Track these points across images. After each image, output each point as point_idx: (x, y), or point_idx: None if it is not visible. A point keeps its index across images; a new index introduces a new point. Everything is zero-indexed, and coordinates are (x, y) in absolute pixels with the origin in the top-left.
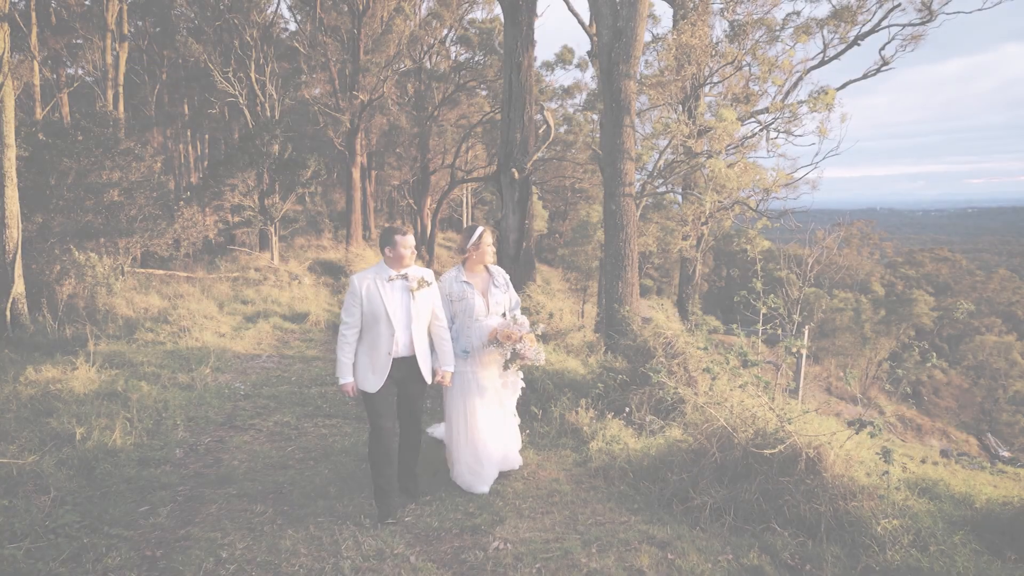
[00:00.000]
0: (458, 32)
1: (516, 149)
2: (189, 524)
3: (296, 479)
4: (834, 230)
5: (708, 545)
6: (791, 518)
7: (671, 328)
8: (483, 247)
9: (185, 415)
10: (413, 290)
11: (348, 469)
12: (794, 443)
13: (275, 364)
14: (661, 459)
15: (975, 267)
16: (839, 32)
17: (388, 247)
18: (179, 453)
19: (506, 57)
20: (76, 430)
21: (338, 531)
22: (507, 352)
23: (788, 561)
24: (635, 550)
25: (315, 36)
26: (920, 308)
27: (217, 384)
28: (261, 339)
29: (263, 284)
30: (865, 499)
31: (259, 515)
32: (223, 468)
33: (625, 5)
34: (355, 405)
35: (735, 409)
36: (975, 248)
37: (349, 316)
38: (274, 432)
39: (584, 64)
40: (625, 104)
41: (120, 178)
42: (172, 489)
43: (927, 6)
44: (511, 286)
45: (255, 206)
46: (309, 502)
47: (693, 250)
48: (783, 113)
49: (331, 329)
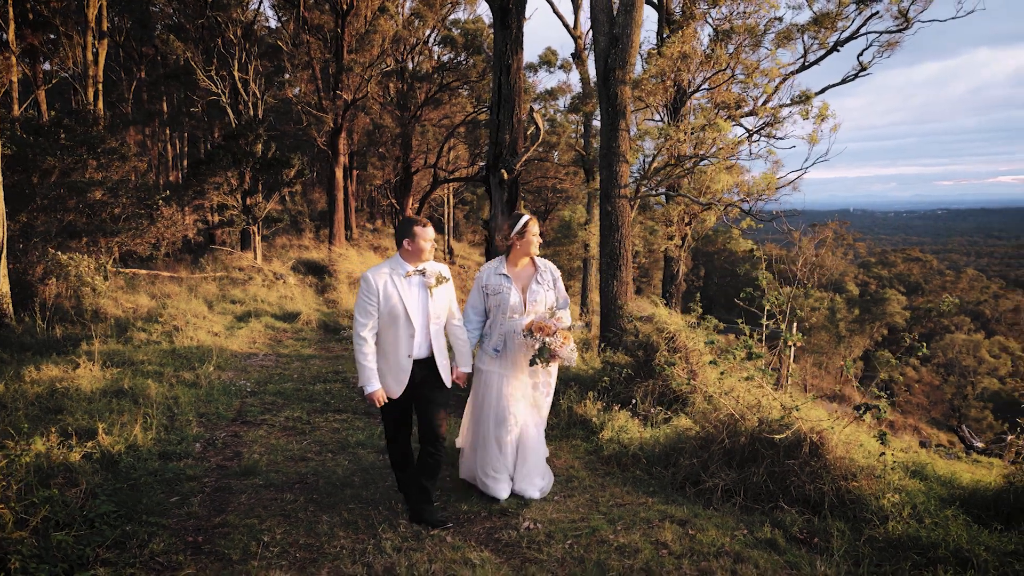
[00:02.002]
0: (441, 32)
1: (505, 150)
2: (223, 512)
3: (319, 470)
4: (810, 231)
5: (723, 522)
6: (797, 497)
7: (674, 323)
8: (528, 237)
9: (196, 411)
10: (431, 287)
11: (367, 460)
12: (799, 429)
13: (273, 363)
14: (671, 446)
15: (945, 267)
16: (819, 38)
17: (407, 239)
18: (198, 447)
19: (495, 59)
20: (98, 425)
21: (372, 516)
22: (536, 344)
23: (797, 535)
24: (658, 527)
25: (298, 35)
26: (893, 307)
27: (222, 382)
28: (255, 338)
29: (249, 284)
30: (864, 479)
31: (290, 503)
32: (244, 461)
33: (621, 12)
34: (363, 401)
35: (741, 398)
36: (945, 248)
37: (365, 316)
38: (287, 427)
39: (568, 66)
40: (621, 109)
41: (104, 177)
42: (198, 481)
43: (903, 14)
44: (560, 283)
45: (238, 205)
46: (336, 491)
47: (678, 250)
48: (768, 117)
49: (323, 328)
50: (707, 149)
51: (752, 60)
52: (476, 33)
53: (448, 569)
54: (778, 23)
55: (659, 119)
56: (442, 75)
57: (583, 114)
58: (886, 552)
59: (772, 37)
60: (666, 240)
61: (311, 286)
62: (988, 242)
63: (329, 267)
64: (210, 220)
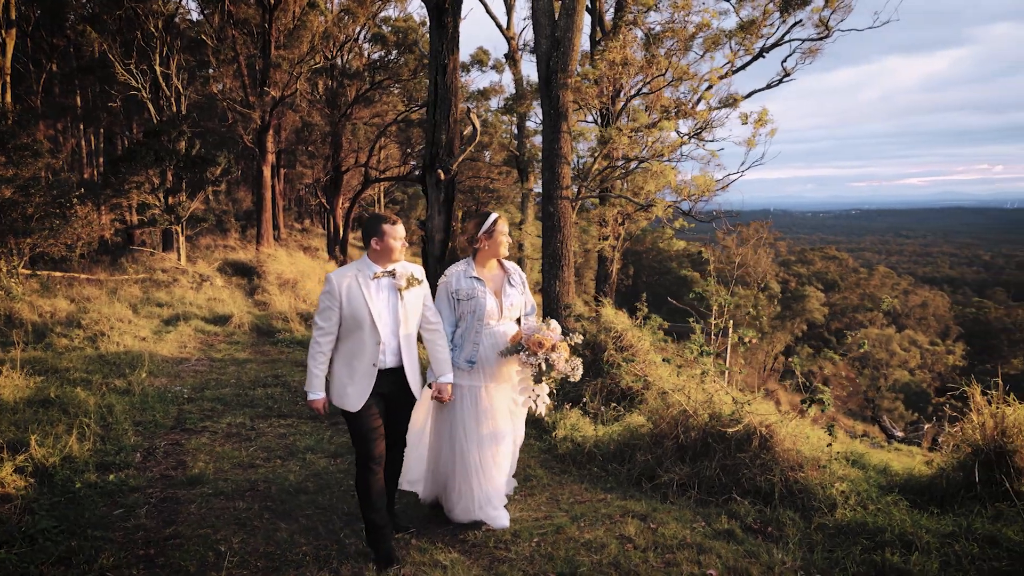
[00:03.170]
0: (372, 30)
1: (442, 150)
2: (173, 524)
3: (269, 477)
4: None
5: (681, 515)
6: (749, 489)
7: (620, 323)
8: (497, 237)
9: (132, 420)
10: (402, 289)
11: (319, 466)
12: (750, 423)
13: (207, 367)
14: (625, 443)
15: (859, 265)
16: (745, 44)
17: (375, 238)
18: (138, 457)
19: (432, 58)
20: (30, 437)
21: (333, 521)
22: (539, 363)
23: (753, 525)
24: (620, 522)
25: (223, 29)
26: (812, 304)
27: (156, 388)
28: (185, 342)
29: (175, 286)
30: (810, 469)
31: (244, 511)
32: (189, 469)
33: (563, 16)
34: (306, 404)
35: (692, 395)
36: (858, 247)
37: (325, 321)
38: (230, 433)
39: (500, 66)
40: (563, 112)
41: (14, 175)
42: (142, 492)
43: (824, 23)
44: (527, 287)
45: (161, 204)
46: (290, 497)
47: (612, 250)
48: (702, 122)
49: (256, 331)
50: (648, 151)
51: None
52: (407, 31)
53: (418, 572)
54: (706, 29)
55: (591, 120)
56: (373, 73)
57: (517, 115)
58: (836, 538)
59: (700, 42)
60: (600, 240)
61: (240, 288)
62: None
63: (258, 268)
64: (128, 220)
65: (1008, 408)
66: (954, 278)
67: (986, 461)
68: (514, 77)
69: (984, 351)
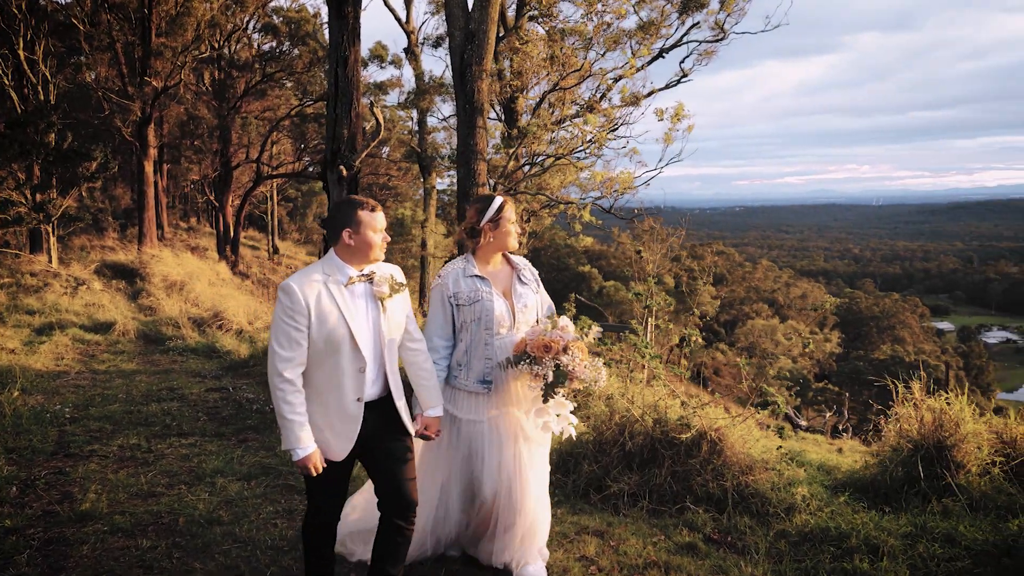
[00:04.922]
0: (262, 20)
1: (344, 146)
2: (62, 571)
3: (175, 507)
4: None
5: (639, 529)
6: (702, 496)
7: None
8: (505, 225)
9: (3, 447)
10: (384, 298)
11: (232, 491)
12: (700, 427)
13: (89, 382)
14: (568, 452)
15: (744, 259)
16: (644, 44)
17: (347, 229)
18: (14, 491)
19: (331, 50)
20: None
21: (256, 557)
22: (546, 372)
23: (712, 536)
24: (577, 541)
25: (97, 12)
26: (704, 297)
27: (30, 408)
28: (61, 354)
29: (46, 291)
30: (759, 471)
31: (149, 551)
32: (78, 503)
33: (477, 8)
34: (209, 420)
35: (636, 399)
36: (743, 242)
37: (289, 347)
38: (123, 457)
39: (399, 61)
40: (479, 106)
41: None
42: (20, 534)
43: (720, 25)
44: (542, 285)
45: (27, 202)
46: (202, 531)
47: (520, 247)
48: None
49: (143, 339)
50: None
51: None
52: (301, 22)
53: None
54: (607, 28)
55: (492, 117)
56: (264, 65)
57: (418, 110)
58: (802, 546)
59: (602, 40)
60: None
61: (121, 292)
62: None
63: (141, 270)
64: None
65: (934, 401)
66: (828, 270)
67: (927, 456)
68: (415, 72)
69: (857, 339)
